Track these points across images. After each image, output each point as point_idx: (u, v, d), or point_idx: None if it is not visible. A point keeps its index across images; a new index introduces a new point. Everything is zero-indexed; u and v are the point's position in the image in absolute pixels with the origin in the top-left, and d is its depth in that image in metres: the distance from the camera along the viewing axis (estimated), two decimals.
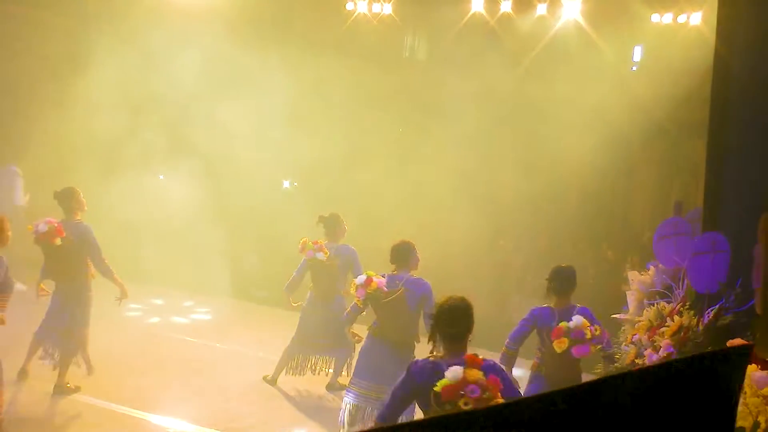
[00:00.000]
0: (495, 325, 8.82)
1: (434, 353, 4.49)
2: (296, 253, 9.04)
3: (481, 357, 4.29)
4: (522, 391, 5.28)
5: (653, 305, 5.91)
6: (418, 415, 5.26)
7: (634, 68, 13.86)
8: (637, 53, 13.81)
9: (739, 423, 2.75)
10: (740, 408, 2.97)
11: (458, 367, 4.16)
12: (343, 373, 8.78)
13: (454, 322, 4.44)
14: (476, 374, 4.11)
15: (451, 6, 13.38)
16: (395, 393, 4.47)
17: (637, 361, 5.30)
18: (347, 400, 7.17)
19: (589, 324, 6.12)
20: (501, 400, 4.06)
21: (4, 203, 11.52)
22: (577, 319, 6.16)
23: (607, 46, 12.64)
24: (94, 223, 8.26)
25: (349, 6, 13.90)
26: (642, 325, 5.79)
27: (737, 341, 3.98)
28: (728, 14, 5.78)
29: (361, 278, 7.08)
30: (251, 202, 12.56)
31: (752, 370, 3.00)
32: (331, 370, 9.06)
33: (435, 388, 4.13)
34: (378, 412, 4.63)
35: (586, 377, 6.32)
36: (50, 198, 8.04)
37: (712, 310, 5.07)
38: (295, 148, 13.47)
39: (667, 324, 5.38)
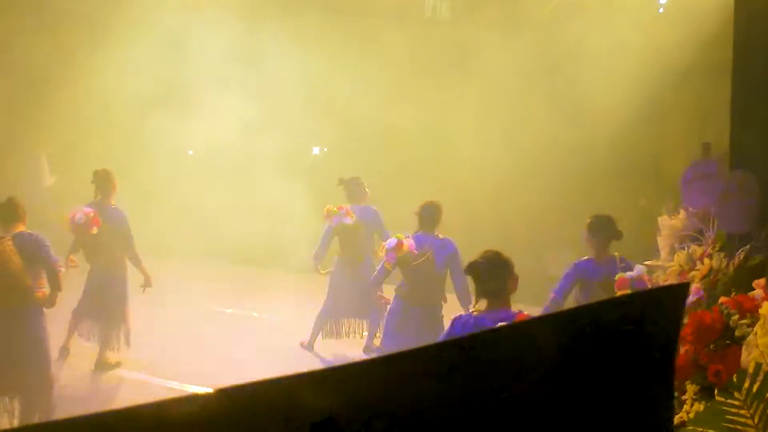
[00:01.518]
0: (531, 280, 8.69)
1: (476, 307, 4.50)
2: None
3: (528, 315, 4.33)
4: None
5: (684, 249, 5.80)
6: None
7: (661, 10, 13.50)
8: None
9: (750, 365, 2.69)
10: (753, 351, 2.91)
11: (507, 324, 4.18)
12: (377, 334, 8.81)
13: (489, 278, 4.43)
14: None
15: None
16: None
17: None
18: None
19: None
20: None
21: (32, 188, 11.72)
22: (639, 269, 6.10)
23: None
24: (120, 201, 8.36)
25: None
26: (672, 270, 5.68)
27: (762, 281, 3.89)
28: None
29: (392, 242, 7.04)
30: (281, 169, 12.56)
31: (766, 311, 2.93)
32: (366, 333, 9.08)
33: None
34: None
35: None
36: (73, 179, 8.14)
37: (742, 251, 4.95)
38: (322, 114, 13.42)
39: (697, 268, 5.27)
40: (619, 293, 5.97)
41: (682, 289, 1.38)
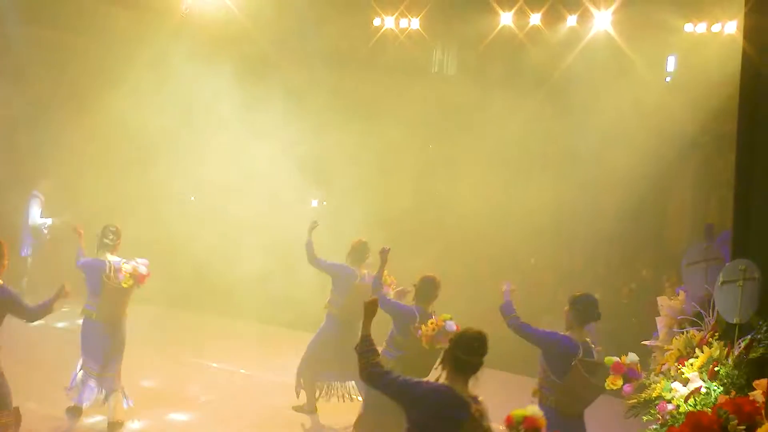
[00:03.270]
0: (523, 345, 8.52)
1: (444, 378, 4.39)
2: (321, 275, 8.91)
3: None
4: None
5: (683, 333, 5.65)
6: None
7: (668, 79, 13.51)
8: (671, 64, 13.46)
9: None
10: None
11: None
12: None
13: (476, 351, 4.36)
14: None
15: (480, 20, 13.20)
16: (406, 380, 4.39)
17: (664, 395, 5.02)
18: None
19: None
20: None
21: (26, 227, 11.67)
22: (633, 356, 5.87)
23: (640, 58, 12.33)
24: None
25: (377, 22, 13.80)
26: (671, 354, 5.53)
27: (763, 382, 3.73)
28: (756, 21, 5.49)
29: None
30: (277, 223, 12.43)
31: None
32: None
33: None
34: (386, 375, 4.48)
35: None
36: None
37: (742, 341, 4.80)
38: (323, 166, 13.34)
39: (696, 354, 5.11)
40: (611, 378, 5.72)
41: None
